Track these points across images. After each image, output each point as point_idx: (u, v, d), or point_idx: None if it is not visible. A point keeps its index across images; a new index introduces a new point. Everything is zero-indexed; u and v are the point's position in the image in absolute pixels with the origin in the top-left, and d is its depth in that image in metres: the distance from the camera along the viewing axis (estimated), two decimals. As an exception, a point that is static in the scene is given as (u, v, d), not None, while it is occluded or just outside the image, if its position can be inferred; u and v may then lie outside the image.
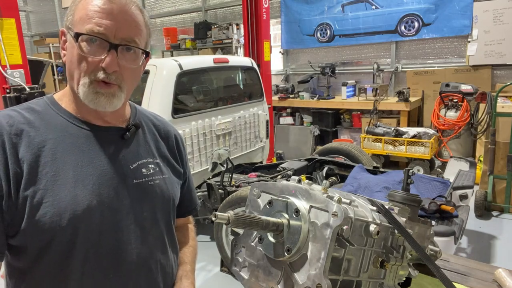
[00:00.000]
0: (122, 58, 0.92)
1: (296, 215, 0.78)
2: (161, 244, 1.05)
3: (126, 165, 1.00)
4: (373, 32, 6.14)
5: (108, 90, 0.92)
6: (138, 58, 0.96)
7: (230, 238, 2.92)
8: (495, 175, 3.89)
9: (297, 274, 0.76)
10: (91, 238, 0.91)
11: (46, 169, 0.89)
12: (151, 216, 1.02)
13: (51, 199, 0.87)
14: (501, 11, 5.10)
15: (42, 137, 0.91)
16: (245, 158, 4.06)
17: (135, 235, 0.98)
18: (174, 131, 1.21)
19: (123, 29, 0.90)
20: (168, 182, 1.08)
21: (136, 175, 1.01)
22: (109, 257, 0.94)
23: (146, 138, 1.09)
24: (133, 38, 0.93)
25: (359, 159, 3.83)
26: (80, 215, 0.89)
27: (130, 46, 0.93)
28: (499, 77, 5.29)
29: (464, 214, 2.56)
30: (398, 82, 6.12)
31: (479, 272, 1.20)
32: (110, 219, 0.94)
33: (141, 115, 1.13)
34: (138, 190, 1.00)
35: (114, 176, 0.96)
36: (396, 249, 0.90)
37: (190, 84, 3.66)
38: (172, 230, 1.12)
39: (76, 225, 0.89)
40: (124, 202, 0.97)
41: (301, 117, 6.57)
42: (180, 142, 1.20)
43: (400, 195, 1.00)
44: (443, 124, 5.04)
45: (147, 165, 1.04)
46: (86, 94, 0.91)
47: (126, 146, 1.02)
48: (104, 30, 0.88)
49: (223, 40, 7.05)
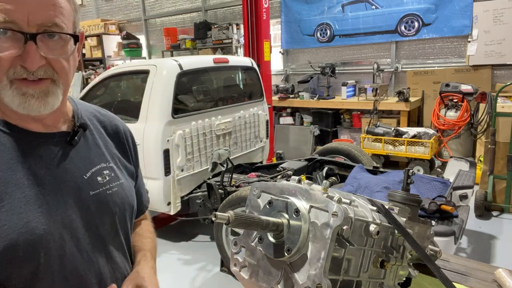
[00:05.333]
0: (44, 48, 0.75)
1: (296, 215, 0.78)
2: (122, 254, 0.97)
3: (79, 176, 0.87)
4: (373, 32, 6.14)
5: (38, 88, 0.76)
6: (67, 44, 0.79)
7: (230, 238, 2.92)
8: (495, 175, 3.89)
9: (297, 274, 0.76)
10: (53, 265, 0.80)
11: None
12: (111, 227, 0.93)
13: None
14: (501, 11, 5.10)
15: None
16: (245, 158, 4.06)
17: (98, 253, 0.89)
18: (122, 125, 1.07)
19: (36, 12, 0.72)
20: (126, 187, 0.98)
21: (91, 186, 0.89)
22: (74, 281, 0.84)
23: (95, 139, 0.95)
24: (53, 20, 0.75)
25: (359, 159, 3.83)
26: (36, 243, 0.76)
27: (52, 32, 0.76)
28: (499, 77, 5.29)
29: (464, 214, 2.56)
30: (398, 82, 6.12)
31: (479, 272, 1.20)
32: (70, 241, 0.82)
33: (84, 111, 0.97)
34: (96, 202, 0.89)
35: (67, 191, 0.84)
36: (396, 249, 0.90)
37: (190, 84, 3.66)
38: (129, 238, 1.03)
39: (34, 255, 0.76)
40: (83, 219, 0.86)
41: (301, 117, 6.58)
42: (129, 137, 1.08)
43: (400, 195, 1.00)
44: (443, 124, 5.04)
45: (102, 171, 0.92)
46: (11, 99, 0.75)
47: (76, 153, 0.88)
48: (11, 18, 0.71)
49: (223, 40, 7.06)
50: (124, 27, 9.44)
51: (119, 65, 4.03)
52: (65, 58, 0.80)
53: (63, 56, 0.79)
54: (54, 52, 0.77)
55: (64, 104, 0.89)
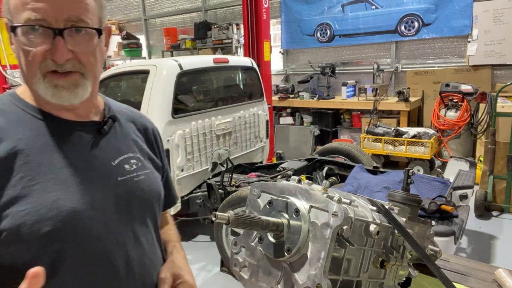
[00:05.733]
0: (72, 42, 0.81)
1: (296, 215, 0.78)
2: (150, 241, 0.99)
3: (108, 162, 0.92)
4: (373, 32, 6.14)
5: (68, 81, 0.83)
6: (92, 38, 0.84)
7: (230, 238, 2.92)
8: (495, 175, 3.89)
9: (297, 274, 0.76)
10: (79, 245, 0.83)
11: (20, 174, 0.79)
12: (139, 214, 0.96)
13: (30, 207, 0.78)
14: (501, 11, 5.10)
15: (11, 138, 0.81)
16: (245, 158, 4.06)
17: (126, 236, 0.91)
18: (150, 123, 1.14)
19: (64, 8, 0.79)
20: (152, 177, 1.02)
21: (119, 172, 0.93)
22: (102, 262, 0.86)
23: (124, 132, 1.01)
24: (79, 16, 0.81)
25: (359, 159, 3.83)
26: (64, 221, 0.80)
27: (78, 27, 0.81)
28: (499, 77, 5.29)
29: (464, 214, 2.56)
30: (398, 82, 6.12)
31: (479, 272, 1.20)
32: (97, 222, 0.85)
33: (115, 107, 1.04)
34: (123, 188, 0.92)
35: (96, 175, 0.88)
36: (396, 249, 0.90)
37: (190, 84, 3.66)
38: (158, 226, 1.05)
39: (61, 232, 0.80)
40: (111, 202, 0.89)
41: (301, 117, 6.58)
42: (157, 135, 1.14)
43: (400, 195, 1.00)
44: (443, 124, 5.04)
45: (129, 160, 0.96)
46: (45, 90, 0.82)
47: (105, 141, 0.94)
48: (41, 15, 0.77)
49: (223, 40, 7.05)
50: (124, 27, 9.44)
51: (119, 65, 4.03)
52: (91, 51, 0.85)
53: (88, 49, 0.84)
54: (80, 46, 0.82)
55: (95, 96, 0.96)
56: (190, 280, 0.97)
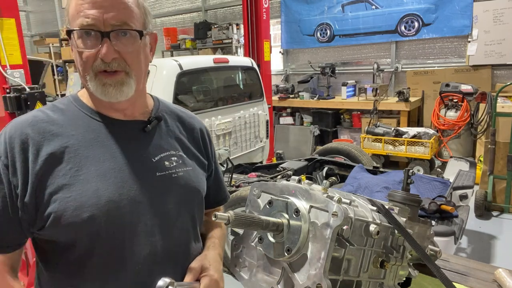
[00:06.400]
0: (117, 43, 0.91)
1: (296, 215, 0.78)
2: (186, 236, 1.05)
3: (148, 158, 1.00)
4: (373, 32, 6.14)
5: (115, 79, 0.93)
6: (136, 40, 0.94)
7: (230, 238, 2.92)
8: (495, 175, 3.89)
9: (297, 274, 0.76)
10: (113, 232, 0.91)
11: (69, 165, 0.90)
12: (175, 208, 1.02)
13: (74, 194, 0.88)
14: (501, 11, 5.10)
15: (65, 133, 0.93)
16: (245, 158, 4.06)
17: (159, 228, 0.98)
18: (200, 123, 1.20)
19: (111, 14, 0.89)
20: (193, 174, 1.08)
21: (158, 168, 1.00)
22: (129, 249, 0.94)
23: (169, 131, 1.09)
24: (124, 20, 0.91)
25: (359, 159, 3.83)
26: (101, 208, 0.89)
27: (123, 30, 0.91)
28: (499, 77, 5.29)
29: (464, 214, 2.56)
30: (398, 82, 6.12)
31: (479, 272, 1.20)
32: (132, 212, 0.94)
33: (165, 108, 1.13)
34: (161, 182, 1.00)
35: (136, 169, 0.97)
36: (396, 249, 0.90)
37: (190, 84, 3.66)
38: (196, 223, 1.10)
39: (98, 219, 0.89)
40: (147, 195, 0.97)
41: (301, 117, 6.58)
42: (205, 135, 1.20)
43: (400, 195, 1.00)
44: (443, 124, 5.04)
45: (170, 157, 1.04)
46: (95, 88, 0.93)
47: (148, 139, 1.02)
48: (92, 21, 0.88)
49: (223, 40, 7.05)
50: (124, 27, 9.43)
51: (119, 65, 4.02)
52: (135, 51, 0.94)
53: (133, 50, 0.94)
54: (125, 47, 0.92)
55: (142, 96, 1.06)
56: (215, 275, 1.02)
